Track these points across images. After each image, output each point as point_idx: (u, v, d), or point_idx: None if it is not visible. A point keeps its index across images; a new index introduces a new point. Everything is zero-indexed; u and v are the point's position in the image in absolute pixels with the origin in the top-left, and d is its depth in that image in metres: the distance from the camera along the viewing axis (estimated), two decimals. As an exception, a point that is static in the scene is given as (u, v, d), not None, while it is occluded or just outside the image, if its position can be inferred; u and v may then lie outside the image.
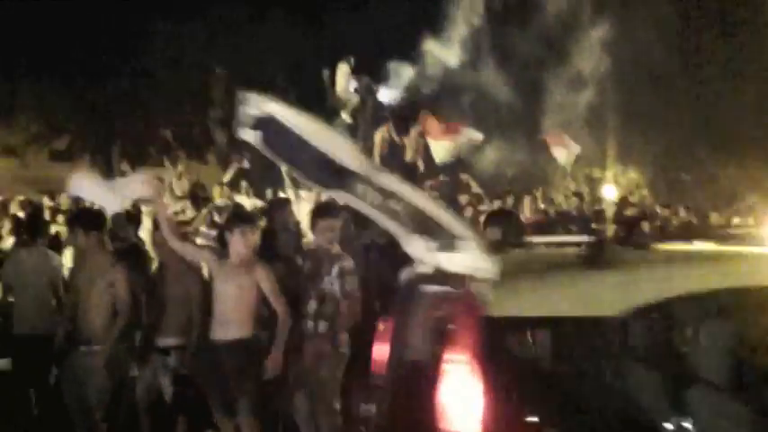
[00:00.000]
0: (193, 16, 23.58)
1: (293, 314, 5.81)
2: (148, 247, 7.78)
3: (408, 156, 14.89)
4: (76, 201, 12.60)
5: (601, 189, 16.33)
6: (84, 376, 6.17)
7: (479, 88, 18.57)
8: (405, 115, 16.02)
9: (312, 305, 6.04)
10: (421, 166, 13.64)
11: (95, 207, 6.80)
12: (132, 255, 7.09)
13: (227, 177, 13.35)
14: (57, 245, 8.51)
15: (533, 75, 19.86)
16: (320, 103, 18.69)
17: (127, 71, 22.66)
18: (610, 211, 12.53)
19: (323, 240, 6.14)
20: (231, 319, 5.69)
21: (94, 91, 22.30)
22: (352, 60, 16.93)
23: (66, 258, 8.04)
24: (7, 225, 10.02)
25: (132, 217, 8.51)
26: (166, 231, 5.93)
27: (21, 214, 11.26)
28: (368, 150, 16.33)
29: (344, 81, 16.70)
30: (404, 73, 17.80)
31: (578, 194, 14.07)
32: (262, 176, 15.80)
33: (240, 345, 5.66)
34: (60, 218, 10.65)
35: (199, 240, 8.12)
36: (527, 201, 12.65)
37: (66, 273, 7.38)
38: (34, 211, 10.97)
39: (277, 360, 5.62)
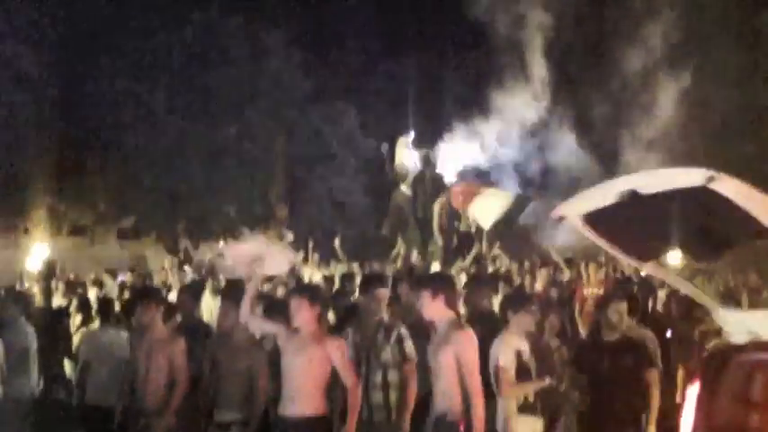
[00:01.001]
0: (254, 100, 24.38)
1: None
2: (208, 318, 7.85)
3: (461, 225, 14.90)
4: (143, 277, 12.92)
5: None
6: None
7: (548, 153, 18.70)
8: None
9: (378, 375, 5.96)
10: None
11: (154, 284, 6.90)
12: (193, 327, 7.15)
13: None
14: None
15: (604, 137, 19.89)
16: (377, 174, 19.07)
17: (191, 151, 23.26)
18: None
19: (376, 309, 6.10)
20: (301, 395, 5.59)
21: (159, 171, 22.91)
22: (412, 134, 17.22)
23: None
24: (74, 302, 10.26)
25: (195, 291, 8.62)
26: (248, 304, 5.89)
27: (92, 292, 11.57)
28: (427, 220, 16.46)
29: (403, 153, 16.98)
30: (462, 143, 18.03)
31: None
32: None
33: (310, 422, 5.53)
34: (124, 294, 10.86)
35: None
36: (592, 268, 12.22)
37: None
38: (105, 293, 11.21)
39: None
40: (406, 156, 17.41)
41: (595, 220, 3.44)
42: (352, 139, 25.28)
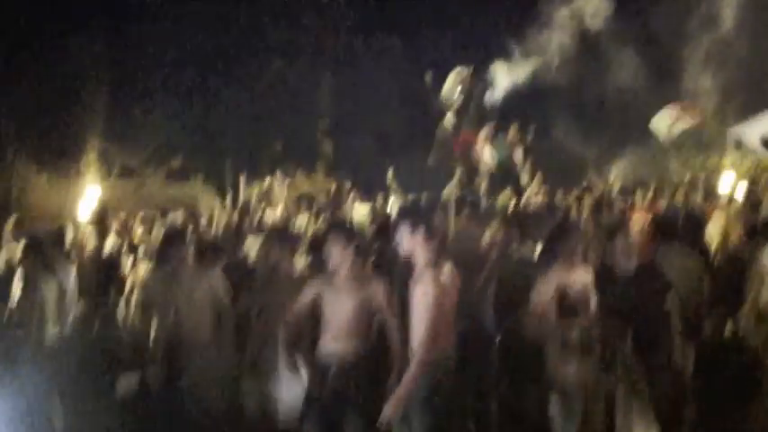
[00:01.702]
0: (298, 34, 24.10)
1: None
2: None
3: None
4: (193, 217, 13.07)
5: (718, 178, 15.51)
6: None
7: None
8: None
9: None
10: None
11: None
12: (235, 266, 7.26)
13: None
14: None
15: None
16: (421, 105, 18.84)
17: (237, 87, 23.25)
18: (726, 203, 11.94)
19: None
20: (342, 335, 5.63)
21: (205, 109, 23.00)
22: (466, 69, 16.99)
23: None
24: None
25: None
26: None
27: (140, 230, 11.78)
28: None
29: (453, 83, 16.78)
30: (502, 74, 17.69)
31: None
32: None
33: (351, 362, 5.60)
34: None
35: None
36: (640, 194, 12.07)
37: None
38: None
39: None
40: (453, 84, 17.15)
41: None
42: (397, 69, 25.02)
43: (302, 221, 11.24)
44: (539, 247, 8.80)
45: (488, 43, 19.23)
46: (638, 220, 9.07)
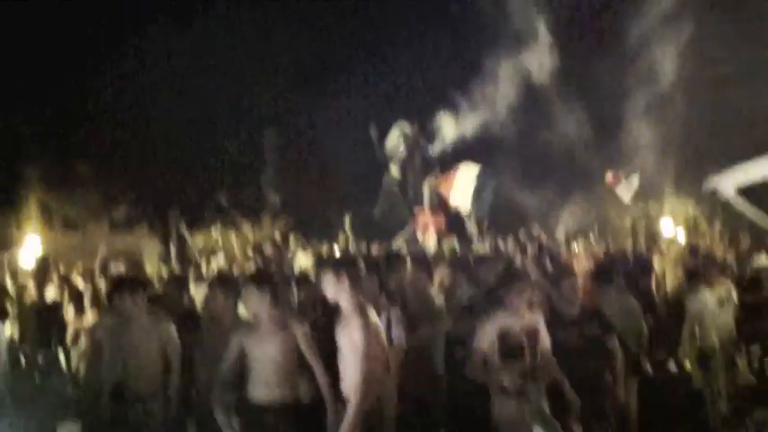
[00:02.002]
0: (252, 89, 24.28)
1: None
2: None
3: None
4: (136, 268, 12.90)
5: (658, 224, 15.99)
6: None
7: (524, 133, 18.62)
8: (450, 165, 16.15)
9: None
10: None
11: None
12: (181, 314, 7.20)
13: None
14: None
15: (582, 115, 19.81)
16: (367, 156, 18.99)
17: (179, 142, 23.21)
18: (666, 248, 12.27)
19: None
20: (267, 380, 5.65)
21: (149, 161, 22.89)
22: (405, 122, 17.21)
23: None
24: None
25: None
26: None
27: (79, 280, 11.59)
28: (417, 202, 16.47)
29: (395, 136, 16.99)
30: (448, 126, 17.98)
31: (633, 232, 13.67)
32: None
33: (279, 408, 5.61)
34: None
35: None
36: (581, 242, 12.34)
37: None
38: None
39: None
40: (397, 137, 17.38)
41: (749, 192, 3.58)
42: (342, 122, 25.23)
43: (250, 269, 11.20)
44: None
45: (434, 95, 19.54)
46: (581, 266, 9.32)
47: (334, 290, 5.47)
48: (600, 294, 7.38)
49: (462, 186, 12.98)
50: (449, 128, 17.97)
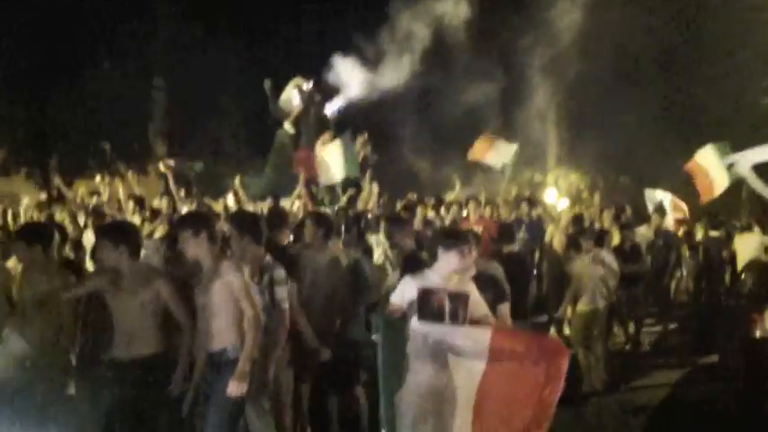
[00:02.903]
0: (136, 33, 23.33)
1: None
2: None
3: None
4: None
5: (543, 193, 16.42)
6: None
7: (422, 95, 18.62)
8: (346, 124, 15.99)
9: None
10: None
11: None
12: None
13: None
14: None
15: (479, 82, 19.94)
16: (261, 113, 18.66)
17: (65, 84, 22.23)
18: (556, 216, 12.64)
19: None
20: (134, 336, 5.52)
21: (31, 104, 21.86)
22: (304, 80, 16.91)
23: None
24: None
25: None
26: None
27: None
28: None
29: (290, 92, 16.71)
30: (351, 81, 17.82)
31: (529, 200, 13.91)
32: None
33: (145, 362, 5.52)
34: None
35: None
36: (472, 206, 12.51)
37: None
38: None
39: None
40: (292, 93, 17.08)
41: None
42: (234, 76, 24.79)
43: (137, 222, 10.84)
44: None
45: (338, 46, 19.02)
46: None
47: (194, 248, 5.40)
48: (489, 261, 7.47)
49: (329, 166, 12.92)
50: (351, 84, 17.80)
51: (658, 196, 14.02)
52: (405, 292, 5.43)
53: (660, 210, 12.90)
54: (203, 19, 24.59)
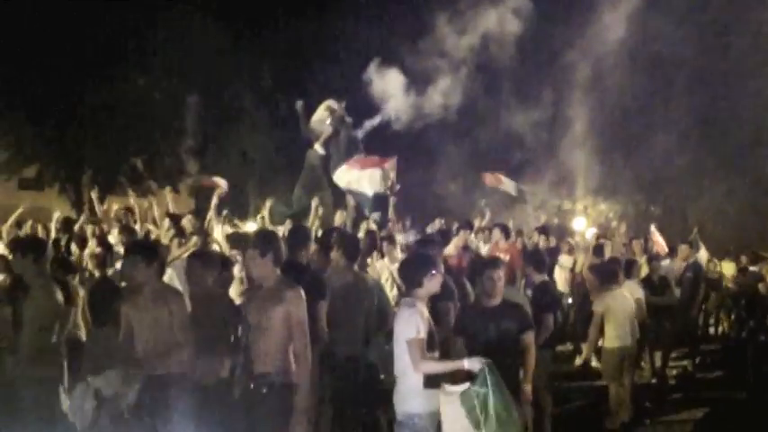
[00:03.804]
0: (165, 46, 23.53)
1: None
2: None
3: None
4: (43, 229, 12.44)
5: (572, 221, 16.30)
6: None
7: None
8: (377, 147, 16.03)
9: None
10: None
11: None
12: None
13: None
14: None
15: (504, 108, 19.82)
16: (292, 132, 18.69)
17: (98, 100, 22.47)
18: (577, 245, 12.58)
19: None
20: None
21: (65, 119, 22.14)
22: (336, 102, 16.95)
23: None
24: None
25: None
26: None
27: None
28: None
29: (321, 113, 16.75)
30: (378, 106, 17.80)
31: (543, 229, 13.89)
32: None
33: None
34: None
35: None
36: (497, 232, 12.26)
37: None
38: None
39: None
40: (323, 115, 17.15)
41: None
42: (268, 95, 24.96)
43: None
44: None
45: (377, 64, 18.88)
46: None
47: (261, 267, 5.38)
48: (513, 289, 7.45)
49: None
50: (389, 104, 17.77)
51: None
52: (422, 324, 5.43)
53: (692, 242, 12.81)
54: (236, 35, 24.77)
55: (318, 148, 16.94)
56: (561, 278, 12.46)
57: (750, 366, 10.88)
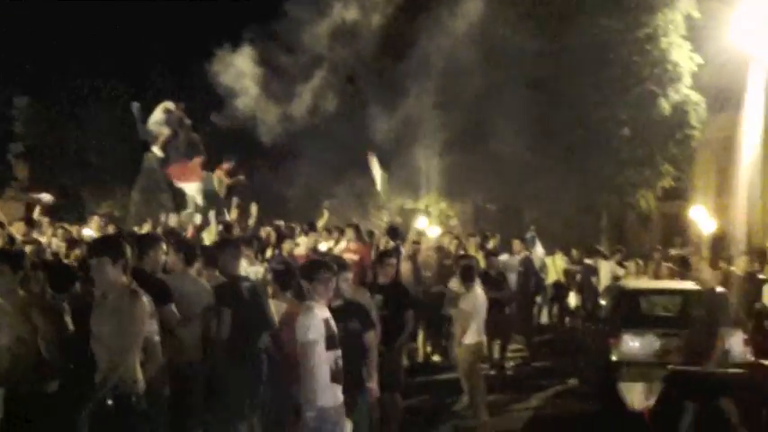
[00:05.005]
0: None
1: None
2: None
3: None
4: None
5: (414, 220, 16.33)
6: None
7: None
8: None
9: None
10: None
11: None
12: None
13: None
14: None
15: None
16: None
17: None
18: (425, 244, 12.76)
19: None
20: None
21: None
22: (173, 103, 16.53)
23: None
24: None
25: None
26: None
27: None
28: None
29: (159, 115, 16.29)
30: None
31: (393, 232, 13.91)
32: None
33: None
34: None
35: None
36: (349, 233, 12.23)
37: None
38: None
39: None
40: (160, 116, 16.68)
41: None
42: (102, 97, 24.10)
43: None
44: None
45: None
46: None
47: (110, 274, 5.04)
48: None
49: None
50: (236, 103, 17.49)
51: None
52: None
53: (527, 239, 13.44)
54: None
55: (156, 150, 16.46)
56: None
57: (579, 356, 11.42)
